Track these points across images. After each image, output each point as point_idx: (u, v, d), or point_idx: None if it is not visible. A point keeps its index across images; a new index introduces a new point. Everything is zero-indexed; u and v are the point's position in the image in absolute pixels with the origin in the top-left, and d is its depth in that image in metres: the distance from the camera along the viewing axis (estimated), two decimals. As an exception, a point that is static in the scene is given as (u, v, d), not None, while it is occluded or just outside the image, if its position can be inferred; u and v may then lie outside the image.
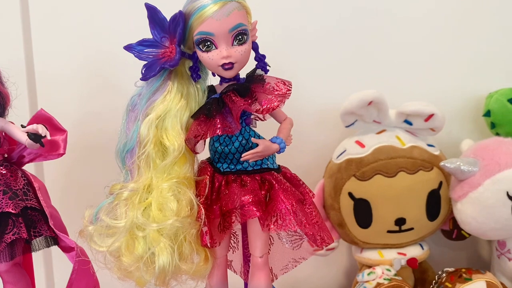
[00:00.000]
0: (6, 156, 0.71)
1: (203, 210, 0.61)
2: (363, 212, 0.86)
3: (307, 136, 0.97)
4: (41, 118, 0.70)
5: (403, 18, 0.95)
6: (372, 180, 0.85)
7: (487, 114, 0.91)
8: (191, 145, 0.62)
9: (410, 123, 0.88)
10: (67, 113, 0.93)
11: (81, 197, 0.76)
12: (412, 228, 0.87)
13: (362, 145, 0.88)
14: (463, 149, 0.90)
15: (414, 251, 0.89)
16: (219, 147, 0.64)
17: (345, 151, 0.89)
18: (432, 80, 0.97)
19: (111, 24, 0.91)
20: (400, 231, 0.87)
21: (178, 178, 0.60)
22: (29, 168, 0.76)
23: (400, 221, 0.86)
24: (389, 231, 0.87)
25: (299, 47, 0.95)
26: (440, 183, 0.87)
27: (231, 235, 0.69)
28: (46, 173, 0.96)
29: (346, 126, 0.89)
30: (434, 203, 0.87)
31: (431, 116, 0.86)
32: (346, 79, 0.96)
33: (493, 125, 0.92)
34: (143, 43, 0.62)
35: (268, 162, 0.64)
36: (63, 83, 0.94)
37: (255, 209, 0.60)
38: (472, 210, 0.81)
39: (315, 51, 0.95)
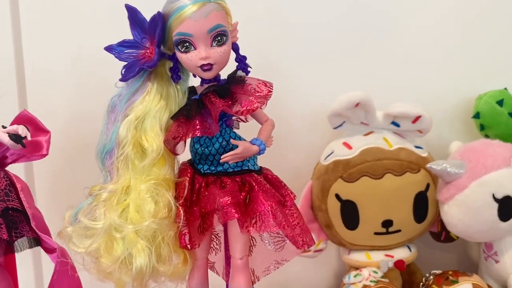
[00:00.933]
0: (-11, 156, 0.71)
1: (182, 211, 0.60)
2: (350, 213, 0.86)
3: (298, 137, 0.97)
4: (24, 118, 0.70)
5: (394, 20, 0.95)
6: (359, 182, 0.85)
7: (476, 116, 0.91)
8: (170, 146, 0.62)
9: (397, 125, 0.88)
10: (58, 112, 0.93)
11: (71, 196, 0.76)
12: (399, 230, 0.87)
13: (349, 147, 0.87)
14: (452, 151, 0.89)
15: (402, 253, 0.89)
16: (200, 149, 0.64)
17: (332, 152, 0.89)
18: (422, 82, 0.96)
19: (103, 21, 0.90)
20: (387, 233, 0.87)
21: (157, 180, 0.60)
22: (19, 167, 0.76)
23: (387, 223, 0.86)
24: (376, 233, 0.87)
25: (291, 48, 0.95)
26: (428, 185, 0.87)
27: (213, 237, 0.69)
28: (36, 173, 0.96)
29: (334, 128, 0.89)
30: (421, 205, 0.87)
31: (418, 118, 0.85)
32: (338, 80, 0.95)
33: (482, 127, 0.91)
34: (123, 44, 0.62)
35: (249, 164, 0.64)
36: (53, 82, 0.93)
37: (233, 210, 0.60)
38: (458, 212, 0.81)
39: (306, 52, 0.95)
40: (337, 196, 0.86)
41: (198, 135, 0.60)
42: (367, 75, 0.95)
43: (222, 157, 0.62)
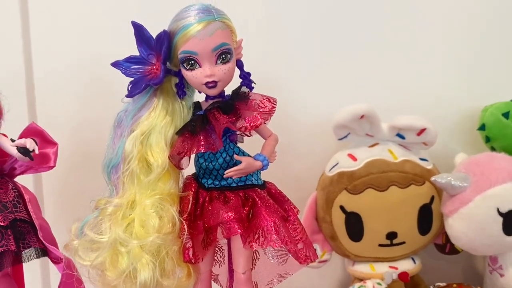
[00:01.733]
0: (-2, 167, 0.72)
1: (186, 226, 0.61)
2: (355, 225, 0.86)
3: (303, 147, 0.97)
4: (32, 131, 0.71)
5: (397, 31, 0.95)
6: (364, 194, 0.85)
7: (482, 128, 0.91)
8: (175, 161, 0.63)
9: (402, 137, 0.88)
10: (66, 119, 0.95)
11: (80, 204, 0.78)
12: (403, 242, 0.87)
13: (354, 158, 0.88)
14: (457, 162, 0.89)
15: (406, 265, 0.89)
16: (204, 163, 0.64)
17: (337, 164, 0.89)
18: (428, 93, 0.96)
19: (111, 29, 0.91)
20: (392, 245, 0.87)
21: (162, 195, 0.61)
22: (27, 176, 0.77)
23: (391, 235, 0.86)
24: (380, 245, 0.87)
25: (295, 58, 0.96)
26: (432, 198, 0.87)
27: (217, 249, 0.69)
28: (44, 180, 0.97)
29: (339, 139, 0.89)
30: (426, 217, 0.87)
31: (423, 130, 0.85)
32: (342, 90, 0.96)
33: (487, 139, 0.91)
34: (130, 59, 0.63)
35: (253, 178, 0.65)
36: (62, 89, 0.95)
37: (237, 226, 0.60)
38: (463, 225, 0.81)
39: (310, 62, 0.96)
40: (342, 208, 0.87)
41: (202, 151, 0.61)
42: (372, 86, 0.96)
43: (225, 172, 0.62)
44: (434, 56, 0.96)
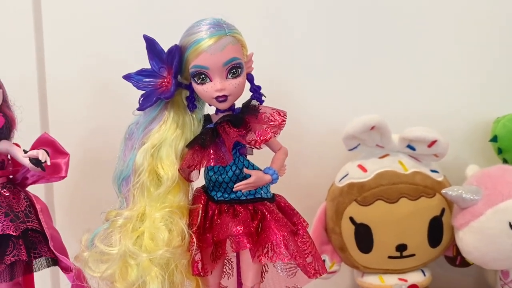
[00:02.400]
0: (11, 177, 0.73)
1: (195, 239, 0.61)
2: (364, 237, 0.86)
3: (312, 157, 0.97)
4: (44, 141, 0.72)
5: (409, 41, 0.95)
6: (374, 206, 0.85)
7: (494, 139, 0.90)
8: (185, 174, 0.63)
9: (413, 148, 0.87)
10: (78, 127, 0.95)
11: (91, 214, 0.78)
12: (413, 254, 0.86)
13: (364, 170, 0.87)
14: (468, 174, 0.88)
15: (416, 277, 0.88)
16: (213, 176, 0.64)
17: (347, 174, 0.89)
18: (439, 104, 0.96)
19: (125, 38, 0.92)
20: (401, 257, 0.86)
21: (171, 208, 0.61)
22: (38, 185, 0.78)
23: (401, 247, 0.86)
24: (390, 257, 0.86)
25: (306, 67, 0.96)
26: (443, 210, 0.86)
27: (226, 261, 0.69)
28: (55, 190, 0.98)
29: (349, 150, 0.89)
30: (436, 229, 0.86)
31: (434, 142, 0.85)
32: (353, 100, 0.96)
33: (500, 151, 0.90)
34: (142, 72, 0.64)
35: (262, 192, 0.65)
36: (74, 96, 0.96)
37: (245, 240, 0.60)
38: (474, 239, 0.80)
39: (321, 71, 0.95)
40: (351, 219, 0.86)
41: (212, 164, 0.61)
42: (383, 96, 0.95)
43: (235, 186, 0.62)
44: (446, 67, 0.95)
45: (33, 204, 0.72)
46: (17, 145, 0.72)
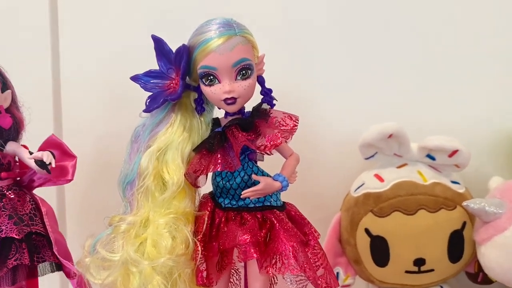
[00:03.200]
0: (18, 179, 0.72)
1: (200, 248, 0.59)
2: (380, 250, 0.83)
3: (327, 165, 0.95)
4: (51, 143, 0.71)
5: (428, 49, 0.92)
6: (390, 217, 0.81)
7: (518, 150, 0.86)
8: (191, 179, 0.61)
9: (433, 158, 0.84)
10: (92, 131, 0.95)
11: (103, 217, 0.77)
12: (432, 270, 0.83)
13: (381, 179, 0.84)
14: (491, 187, 0.85)
15: (434, 294, 0.84)
16: (221, 182, 0.62)
17: (363, 184, 0.86)
18: (460, 111, 0.93)
19: (137, 43, 0.91)
20: (419, 272, 0.83)
21: (176, 214, 0.59)
22: (50, 188, 0.76)
23: (419, 262, 0.82)
24: (407, 271, 0.83)
25: (323, 73, 0.94)
26: (464, 223, 0.82)
27: (233, 272, 0.67)
28: (67, 193, 0.97)
29: (366, 158, 0.86)
30: (456, 244, 0.82)
31: (455, 152, 0.81)
32: (370, 107, 0.93)
33: (525, 163, 0.86)
34: (149, 74, 0.62)
35: (272, 199, 0.62)
36: (88, 99, 0.95)
37: (252, 250, 0.58)
38: (497, 255, 0.76)
39: (338, 77, 0.93)
40: (367, 230, 0.83)
41: (219, 169, 0.59)
42: (402, 104, 0.93)
43: (243, 192, 0.60)
44: (468, 75, 0.92)
45: (38, 207, 0.70)
46: (25, 147, 0.71)
